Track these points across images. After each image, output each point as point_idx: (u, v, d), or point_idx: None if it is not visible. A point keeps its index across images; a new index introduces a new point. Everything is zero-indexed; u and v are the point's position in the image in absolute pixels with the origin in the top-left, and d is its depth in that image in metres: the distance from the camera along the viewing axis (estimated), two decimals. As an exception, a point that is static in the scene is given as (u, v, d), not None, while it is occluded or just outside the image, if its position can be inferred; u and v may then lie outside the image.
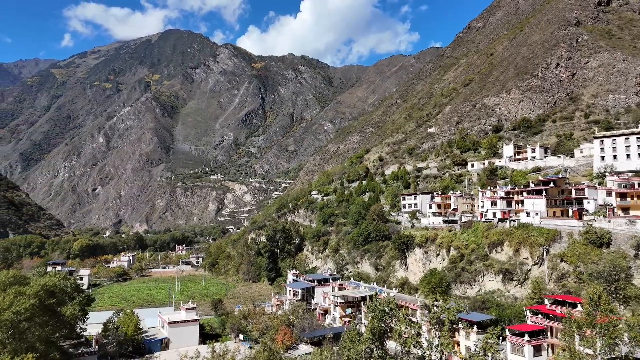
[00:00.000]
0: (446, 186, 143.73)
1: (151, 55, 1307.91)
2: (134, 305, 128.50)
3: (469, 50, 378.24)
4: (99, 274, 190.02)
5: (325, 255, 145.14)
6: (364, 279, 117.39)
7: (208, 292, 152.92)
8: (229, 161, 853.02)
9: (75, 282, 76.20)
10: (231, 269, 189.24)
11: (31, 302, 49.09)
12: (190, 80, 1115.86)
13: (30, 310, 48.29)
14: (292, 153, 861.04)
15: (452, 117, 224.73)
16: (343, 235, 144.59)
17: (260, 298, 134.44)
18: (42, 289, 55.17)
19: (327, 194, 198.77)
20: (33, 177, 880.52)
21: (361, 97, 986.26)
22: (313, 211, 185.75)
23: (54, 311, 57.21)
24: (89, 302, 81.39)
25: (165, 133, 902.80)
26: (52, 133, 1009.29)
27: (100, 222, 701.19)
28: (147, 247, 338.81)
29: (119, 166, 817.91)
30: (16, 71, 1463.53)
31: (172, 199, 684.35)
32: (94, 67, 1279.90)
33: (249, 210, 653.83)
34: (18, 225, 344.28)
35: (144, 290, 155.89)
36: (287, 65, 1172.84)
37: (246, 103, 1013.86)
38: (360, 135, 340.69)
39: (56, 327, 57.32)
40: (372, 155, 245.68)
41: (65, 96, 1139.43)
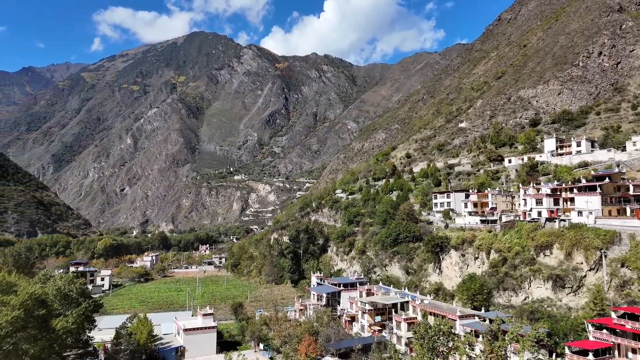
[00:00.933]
0: (482, 183, 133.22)
1: (177, 57, 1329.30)
2: (152, 308, 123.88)
3: (499, 43, 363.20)
4: (121, 274, 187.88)
5: (351, 257, 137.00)
6: (393, 284, 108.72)
7: (229, 294, 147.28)
8: (253, 161, 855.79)
9: (82, 287, 70.95)
10: (253, 270, 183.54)
11: (14, 314, 43.40)
12: (215, 82, 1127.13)
13: (13, 323, 42.64)
14: (315, 153, 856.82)
15: (484, 111, 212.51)
16: (370, 236, 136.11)
17: (282, 302, 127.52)
18: (30, 298, 49.51)
19: (352, 193, 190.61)
20: (64, 178, 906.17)
21: (385, 95, 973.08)
22: (337, 210, 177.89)
23: (44, 324, 51.54)
24: (97, 309, 76.23)
25: (190, 134, 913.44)
26: (82, 135, 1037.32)
27: (128, 221, 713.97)
28: (171, 246, 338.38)
29: (146, 167, 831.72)
30: (48, 75, 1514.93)
31: (197, 198, 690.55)
32: (122, 70, 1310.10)
33: (273, 210, 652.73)
34: (47, 225, 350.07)
35: (164, 292, 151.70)
36: (310, 65, 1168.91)
37: (270, 103, 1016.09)
38: (385, 133, 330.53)
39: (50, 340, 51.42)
40: (399, 152, 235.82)
41: (95, 99, 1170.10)
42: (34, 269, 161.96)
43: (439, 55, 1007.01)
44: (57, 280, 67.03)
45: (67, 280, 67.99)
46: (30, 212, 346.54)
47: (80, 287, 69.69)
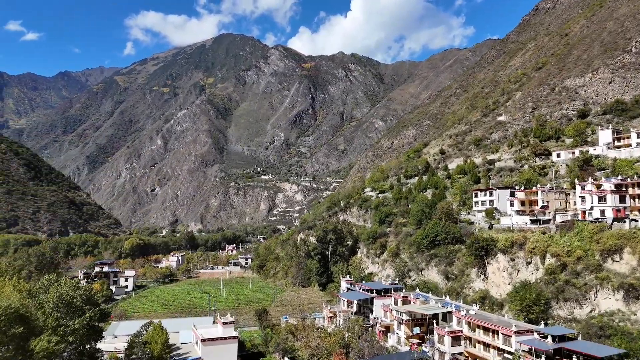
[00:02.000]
0: (528, 180, 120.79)
1: (206, 59, 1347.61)
2: (174, 312, 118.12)
3: (537, 34, 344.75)
4: (146, 274, 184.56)
5: (383, 260, 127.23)
6: (431, 290, 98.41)
7: (254, 297, 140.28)
8: (280, 161, 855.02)
9: (89, 293, 64.61)
10: (280, 272, 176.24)
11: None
12: (242, 83, 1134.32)
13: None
14: (342, 152, 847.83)
15: (525, 103, 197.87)
16: (404, 237, 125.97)
17: (310, 307, 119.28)
18: (3, 313, 42.95)
19: (382, 191, 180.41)
20: (98, 179, 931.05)
21: (413, 93, 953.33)
22: (367, 210, 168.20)
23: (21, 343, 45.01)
24: (104, 318, 69.91)
25: (219, 134, 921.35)
26: (115, 137, 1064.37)
27: (158, 221, 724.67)
28: (198, 246, 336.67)
29: (176, 167, 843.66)
30: (83, 79, 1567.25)
31: (225, 198, 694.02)
32: (153, 73, 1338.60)
33: (300, 210, 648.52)
34: (78, 225, 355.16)
35: (188, 294, 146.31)
36: (337, 64, 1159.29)
37: (296, 103, 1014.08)
38: (416, 129, 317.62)
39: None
40: (431, 148, 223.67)
41: (127, 101, 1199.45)
42: (58, 269, 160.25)
43: (469, 51, 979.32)
44: (61, 287, 60.87)
45: (71, 287, 61.79)
46: (62, 211, 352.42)
47: (85, 293, 63.35)
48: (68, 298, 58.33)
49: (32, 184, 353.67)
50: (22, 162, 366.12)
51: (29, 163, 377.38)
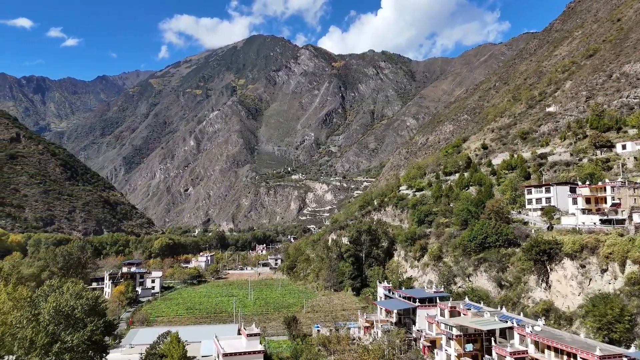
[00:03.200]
0: (590, 174, 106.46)
1: (237, 61, 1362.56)
2: (198, 318, 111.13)
3: (584, 21, 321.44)
4: (174, 275, 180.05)
5: (423, 264, 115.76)
6: (481, 299, 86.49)
7: (283, 301, 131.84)
8: (310, 161, 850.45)
9: (92, 303, 57.55)
10: (310, 274, 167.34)
11: None
12: (272, 83, 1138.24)
13: None
14: (372, 151, 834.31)
15: (578, 92, 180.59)
16: (447, 239, 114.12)
17: (343, 314, 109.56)
18: None
19: (419, 189, 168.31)
20: (134, 179, 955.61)
21: (446, 90, 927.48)
22: (403, 209, 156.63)
23: None
24: (110, 330, 62.70)
25: (250, 135, 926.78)
26: (150, 138, 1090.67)
27: (191, 220, 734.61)
28: (228, 246, 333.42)
29: (208, 167, 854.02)
30: (120, 83, 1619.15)
31: (256, 198, 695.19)
32: (186, 76, 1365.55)
33: (330, 210, 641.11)
34: (112, 224, 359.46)
35: (215, 297, 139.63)
36: (367, 62, 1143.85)
37: (326, 102, 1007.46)
38: (453, 124, 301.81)
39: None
40: (471, 143, 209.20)
41: (162, 104, 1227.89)
42: (86, 269, 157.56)
43: (505, 45, 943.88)
44: (60, 295, 53.90)
45: (72, 295, 54.82)
46: (97, 211, 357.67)
47: (87, 303, 56.19)
48: (67, 309, 51.27)
49: (68, 184, 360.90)
50: (58, 162, 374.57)
51: (66, 163, 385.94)
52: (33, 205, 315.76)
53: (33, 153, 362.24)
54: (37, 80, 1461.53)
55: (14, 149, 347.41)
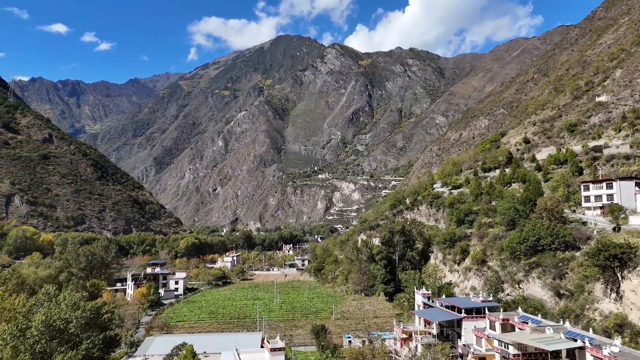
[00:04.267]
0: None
1: (264, 61, 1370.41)
2: (221, 324, 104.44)
3: (630, 7, 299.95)
4: (199, 276, 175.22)
5: (464, 268, 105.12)
6: (537, 309, 75.74)
7: (311, 306, 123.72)
8: (337, 160, 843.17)
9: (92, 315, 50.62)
10: (339, 276, 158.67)
11: None
12: (299, 83, 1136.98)
13: None
14: (400, 150, 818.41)
15: (632, 79, 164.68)
16: (491, 241, 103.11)
17: (376, 323, 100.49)
18: None
19: (455, 187, 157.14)
20: (164, 179, 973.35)
21: (477, 86, 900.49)
22: (439, 208, 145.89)
23: None
24: (110, 347, 55.76)
25: (276, 135, 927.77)
26: (180, 139, 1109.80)
27: (220, 220, 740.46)
28: (255, 245, 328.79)
29: (236, 167, 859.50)
30: (151, 85, 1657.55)
31: (283, 197, 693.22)
32: (215, 77, 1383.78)
33: (357, 209, 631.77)
34: (141, 223, 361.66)
35: (240, 300, 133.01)
36: (394, 59, 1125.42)
37: (353, 101, 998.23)
38: (489, 119, 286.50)
39: None
40: (511, 138, 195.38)
41: (191, 105, 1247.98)
42: (110, 269, 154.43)
43: (538, 39, 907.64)
44: (60, 305, 47.33)
45: (68, 306, 48.11)
46: (126, 210, 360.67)
47: (84, 316, 49.24)
48: (59, 323, 44.55)
49: (98, 184, 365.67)
50: (89, 162, 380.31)
51: (96, 163, 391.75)
52: (64, 205, 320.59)
53: (65, 153, 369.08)
54: (72, 84, 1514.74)
55: (46, 150, 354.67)
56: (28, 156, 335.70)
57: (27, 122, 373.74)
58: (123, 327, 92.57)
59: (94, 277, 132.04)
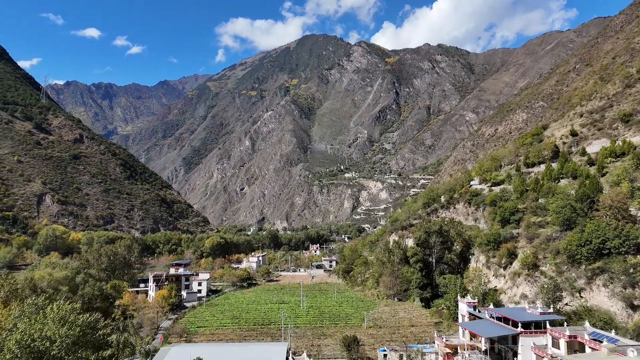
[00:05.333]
0: None
1: (290, 61, 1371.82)
2: (243, 330, 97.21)
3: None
4: (223, 277, 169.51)
5: (512, 273, 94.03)
6: (606, 323, 64.66)
7: (340, 312, 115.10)
8: (363, 159, 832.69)
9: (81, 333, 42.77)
10: (369, 279, 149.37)
11: None
12: (325, 82, 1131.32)
13: None
14: (429, 148, 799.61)
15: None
16: (543, 243, 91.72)
17: (412, 332, 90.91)
18: None
19: (496, 183, 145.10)
20: (193, 179, 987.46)
21: (508, 82, 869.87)
22: (479, 206, 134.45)
23: None
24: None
25: (302, 134, 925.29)
26: (208, 139, 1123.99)
27: (247, 219, 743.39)
28: (281, 245, 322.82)
29: (263, 167, 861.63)
30: (180, 87, 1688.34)
31: (309, 197, 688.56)
32: (242, 78, 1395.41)
33: (385, 209, 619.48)
34: (169, 222, 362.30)
35: (264, 304, 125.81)
36: (422, 56, 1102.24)
37: (380, 99, 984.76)
38: (527, 112, 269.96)
39: None
40: (555, 131, 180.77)
41: (218, 106, 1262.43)
42: (133, 269, 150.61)
43: (574, 32, 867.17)
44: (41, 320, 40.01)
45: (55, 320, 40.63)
46: (154, 209, 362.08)
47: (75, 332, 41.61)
48: (38, 344, 37.02)
49: (127, 183, 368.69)
50: (118, 162, 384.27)
51: (125, 163, 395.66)
52: (94, 204, 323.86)
53: (95, 153, 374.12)
54: (105, 87, 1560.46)
55: (77, 150, 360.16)
56: (59, 156, 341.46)
57: (58, 122, 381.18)
58: (139, 334, 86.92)
59: (115, 278, 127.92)
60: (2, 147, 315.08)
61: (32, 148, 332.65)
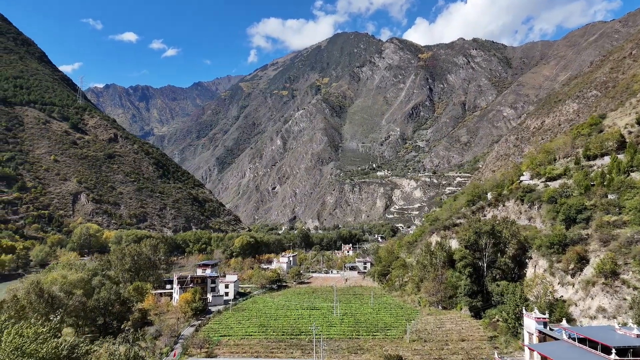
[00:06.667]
0: None
1: (321, 60, 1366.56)
2: (271, 341, 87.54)
3: None
4: (252, 278, 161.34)
5: (584, 282, 79.75)
6: None
7: (379, 320, 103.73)
8: (396, 157, 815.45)
9: None
10: (409, 283, 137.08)
11: None
12: (356, 80, 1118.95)
13: None
14: (465, 145, 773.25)
15: None
16: (623, 246, 77.11)
17: (464, 347, 78.51)
18: None
19: (552, 178, 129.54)
20: (226, 178, 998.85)
21: (549, 75, 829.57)
22: (533, 203, 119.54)
23: None
24: None
25: (334, 132, 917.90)
26: (240, 139, 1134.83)
27: (279, 218, 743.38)
28: (312, 245, 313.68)
29: (294, 166, 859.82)
30: (214, 88, 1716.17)
31: (340, 195, 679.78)
32: (273, 78, 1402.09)
33: (419, 208, 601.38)
34: (200, 221, 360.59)
35: (294, 309, 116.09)
36: (456, 51, 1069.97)
37: (412, 96, 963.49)
38: (578, 102, 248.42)
39: None
40: (616, 120, 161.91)
41: (251, 106, 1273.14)
42: (159, 269, 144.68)
43: (619, 22, 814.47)
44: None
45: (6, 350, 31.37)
46: (186, 208, 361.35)
47: None
48: None
49: (160, 182, 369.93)
50: (151, 161, 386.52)
51: (158, 162, 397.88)
52: (127, 203, 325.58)
53: (129, 152, 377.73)
54: (142, 89, 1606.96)
55: (111, 149, 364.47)
56: (94, 155, 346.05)
57: (94, 122, 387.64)
58: (156, 344, 79.05)
59: (140, 279, 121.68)
60: (39, 147, 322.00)
61: (68, 147, 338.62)
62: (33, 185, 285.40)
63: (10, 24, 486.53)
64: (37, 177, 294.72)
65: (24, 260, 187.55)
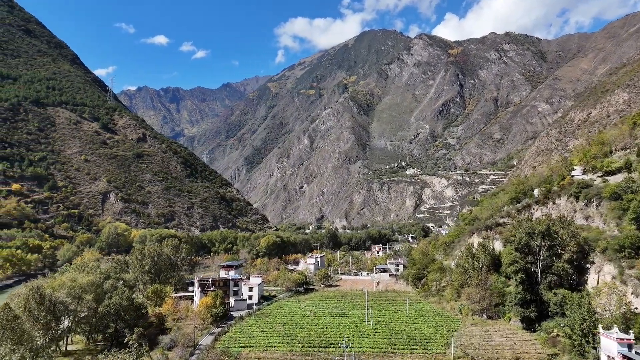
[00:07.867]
0: None
1: (348, 58, 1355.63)
2: (296, 355, 78.55)
3: None
4: (278, 280, 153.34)
5: (667, 292, 67.06)
6: None
7: (416, 331, 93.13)
8: (426, 155, 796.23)
9: None
10: (447, 289, 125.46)
11: None
12: (384, 77, 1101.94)
13: None
14: (497, 142, 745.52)
15: None
16: None
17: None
18: None
19: (610, 172, 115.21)
20: (254, 178, 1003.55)
21: (586, 68, 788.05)
22: (590, 200, 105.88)
23: None
24: None
25: (361, 131, 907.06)
26: (268, 139, 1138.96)
27: (306, 217, 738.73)
28: (340, 245, 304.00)
29: (321, 165, 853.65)
30: (242, 89, 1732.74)
31: (369, 194, 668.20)
32: (300, 78, 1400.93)
33: (451, 206, 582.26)
34: (228, 220, 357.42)
35: (322, 316, 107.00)
36: (488, 46, 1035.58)
37: (442, 92, 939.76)
38: (629, 92, 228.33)
39: None
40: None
41: (278, 106, 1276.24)
42: (180, 271, 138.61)
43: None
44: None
45: None
46: (213, 207, 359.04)
47: None
48: None
49: (187, 181, 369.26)
50: (179, 160, 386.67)
51: (186, 161, 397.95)
52: (156, 202, 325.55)
53: (157, 152, 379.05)
54: (173, 91, 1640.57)
55: (140, 149, 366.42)
56: (123, 155, 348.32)
57: (123, 122, 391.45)
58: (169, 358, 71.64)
59: (160, 281, 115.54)
60: (70, 147, 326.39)
61: (98, 147, 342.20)
62: (64, 185, 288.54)
63: (44, 27, 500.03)
64: (67, 177, 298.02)
65: (50, 259, 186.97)
